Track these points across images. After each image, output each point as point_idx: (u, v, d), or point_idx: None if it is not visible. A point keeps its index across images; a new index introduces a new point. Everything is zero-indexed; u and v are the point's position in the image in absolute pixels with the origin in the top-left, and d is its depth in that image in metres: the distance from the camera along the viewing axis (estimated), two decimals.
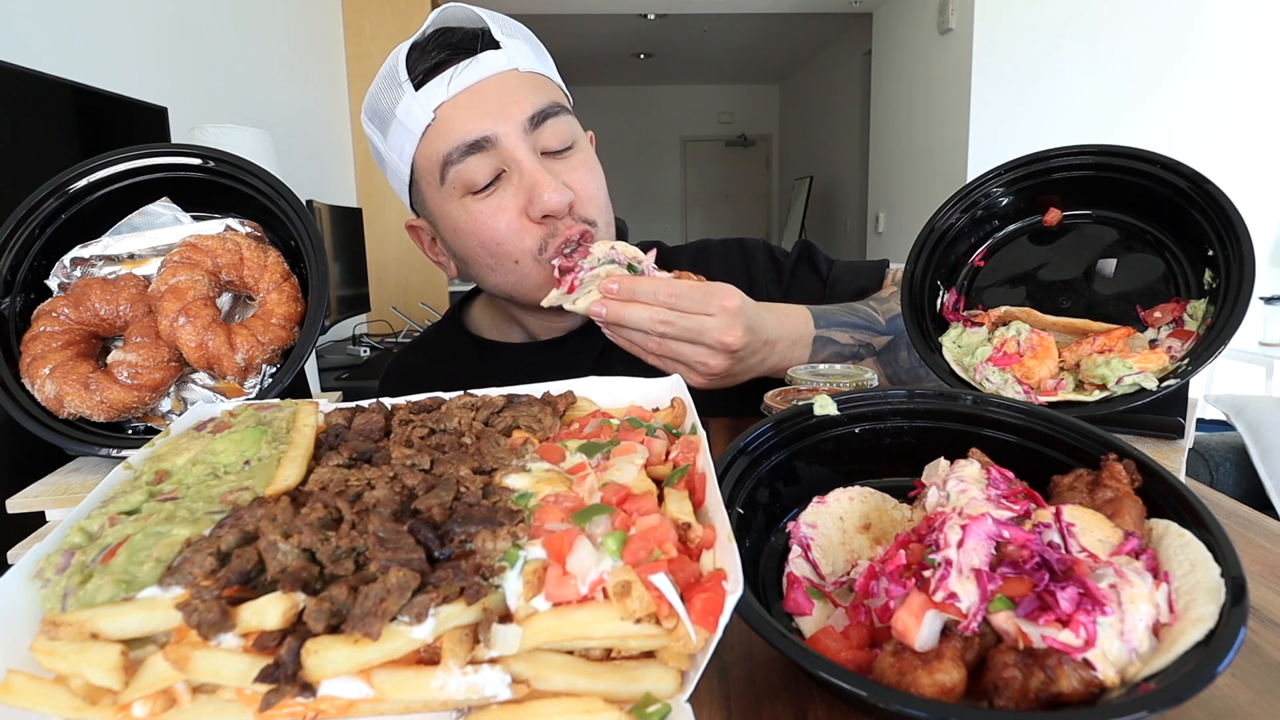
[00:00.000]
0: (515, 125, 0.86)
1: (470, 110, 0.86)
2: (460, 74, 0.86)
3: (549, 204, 0.85)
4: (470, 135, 0.86)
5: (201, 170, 0.75)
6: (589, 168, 0.93)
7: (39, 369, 0.65)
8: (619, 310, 0.78)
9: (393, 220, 4.08)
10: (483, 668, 0.36)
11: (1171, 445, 0.68)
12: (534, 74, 0.91)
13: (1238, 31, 3.91)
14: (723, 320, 0.78)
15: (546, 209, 0.86)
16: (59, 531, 0.44)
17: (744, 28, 6.68)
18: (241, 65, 2.80)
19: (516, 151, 0.86)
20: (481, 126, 0.86)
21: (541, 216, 0.87)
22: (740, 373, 0.85)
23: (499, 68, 0.87)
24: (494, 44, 0.88)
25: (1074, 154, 0.77)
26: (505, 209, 0.88)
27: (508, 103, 0.87)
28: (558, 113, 0.90)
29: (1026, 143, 1.19)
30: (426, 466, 0.49)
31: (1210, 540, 0.42)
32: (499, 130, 0.86)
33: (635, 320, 0.78)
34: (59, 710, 0.36)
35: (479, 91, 0.86)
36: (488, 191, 0.88)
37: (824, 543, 0.50)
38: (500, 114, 0.86)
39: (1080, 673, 0.35)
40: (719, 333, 0.78)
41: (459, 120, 0.86)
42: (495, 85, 0.87)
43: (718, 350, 0.79)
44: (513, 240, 0.89)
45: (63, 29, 1.86)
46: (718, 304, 0.78)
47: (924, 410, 0.59)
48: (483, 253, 0.91)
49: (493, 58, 0.87)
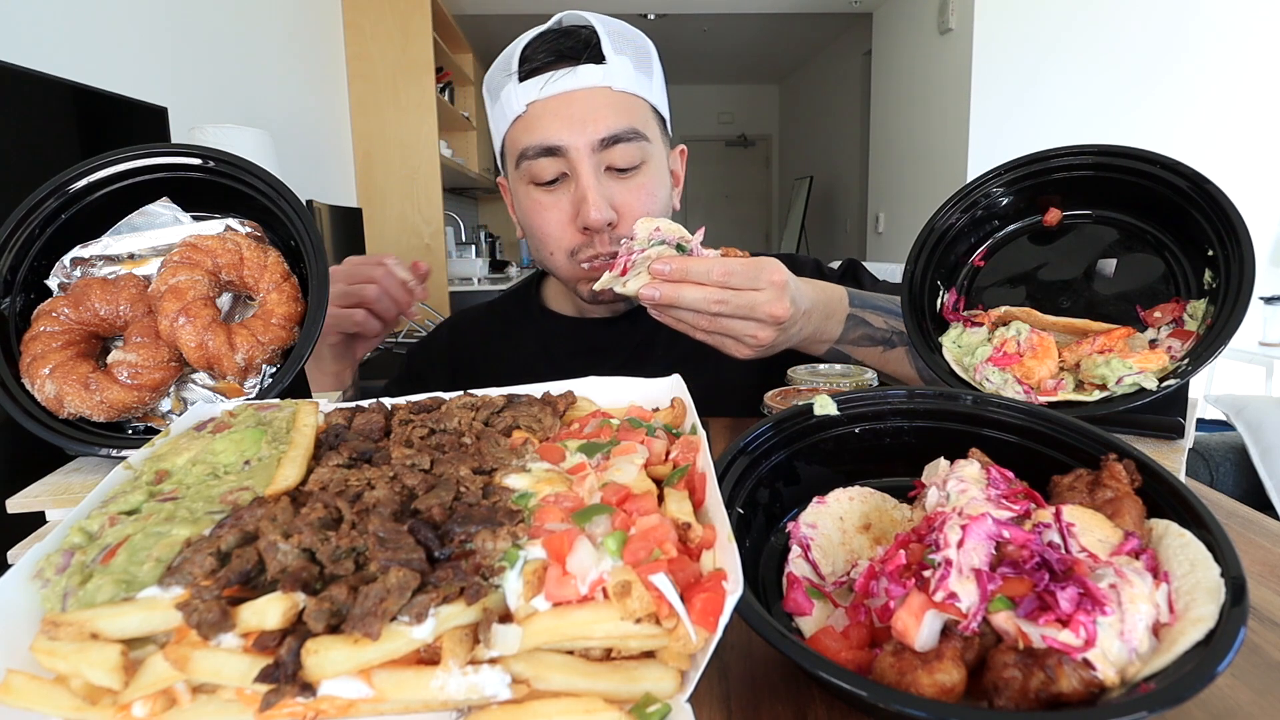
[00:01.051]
0: (587, 141, 0.95)
1: (554, 117, 0.95)
2: (556, 80, 0.95)
3: (589, 219, 0.94)
4: (547, 140, 0.95)
5: (201, 170, 0.75)
6: (645, 191, 1.00)
7: (39, 369, 0.65)
8: (673, 292, 0.78)
9: (393, 220, 4.08)
10: (483, 668, 0.36)
11: (1171, 445, 0.68)
12: (626, 94, 0.98)
13: (1238, 31, 3.91)
14: (771, 294, 0.80)
15: (586, 223, 0.95)
16: (59, 531, 0.44)
17: (744, 28, 6.68)
18: (241, 65, 2.80)
19: (580, 165, 0.95)
20: (558, 135, 0.95)
21: (582, 228, 0.97)
22: (781, 343, 0.86)
23: (593, 83, 0.96)
24: (599, 58, 0.96)
25: (1074, 154, 0.77)
26: (557, 208, 0.99)
27: (587, 120, 0.95)
28: (631, 138, 0.97)
29: (1026, 143, 1.19)
30: (426, 466, 0.49)
31: (1210, 540, 0.42)
32: (572, 142, 0.95)
33: (689, 301, 0.78)
34: (59, 710, 0.36)
35: (568, 101, 0.95)
36: (549, 188, 0.99)
37: (824, 543, 0.50)
38: (577, 128, 0.95)
39: (1080, 673, 0.35)
40: (769, 306, 0.79)
41: (542, 123, 0.96)
42: (584, 99, 0.96)
43: (767, 323, 0.81)
44: (554, 237, 1.00)
45: (63, 29, 1.86)
46: (767, 278, 0.79)
47: (924, 410, 0.59)
48: (532, 234, 1.04)
49: (590, 72, 0.96)
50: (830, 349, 0.96)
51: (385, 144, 4.04)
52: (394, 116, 4.01)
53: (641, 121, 0.99)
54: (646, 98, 1.02)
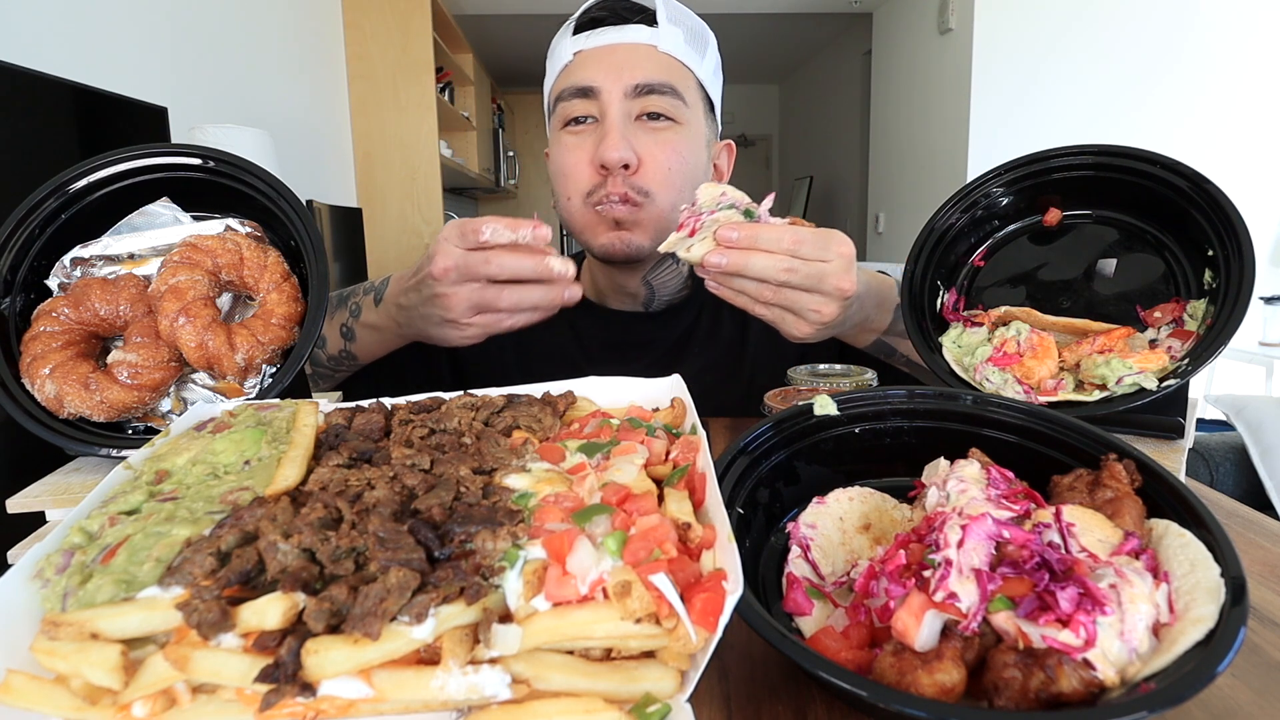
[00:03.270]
0: (620, 86, 0.97)
1: (595, 64, 0.98)
2: (604, 34, 0.99)
3: (605, 156, 0.95)
4: (583, 81, 0.98)
5: (201, 170, 0.75)
6: (670, 147, 0.99)
7: (39, 369, 0.65)
8: (741, 260, 0.74)
9: (393, 220, 4.08)
10: (483, 668, 0.36)
11: (1171, 445, 0.68)
12: (670, 57, 1.00)
13: (1238, 31, 3.91)
14: (840, 265, 0.76)
15: (603, 159, 0.95)
16: (59, 531, 0.44)
17: (744, 28, 6.68)
18: (241, 65, 2.80)
19: (610, 107, 0.97)
20: (594, 78, 0.97)
21: (599, 165, 0.96)
22: (839, 323, 0.83)
23: (640, 39, 0.99)
24: (651, 22, 0.99)
25: (1074, 154, 0.77)
26: (580, 148, 0.99)
27: (624, 67, 0.97)
28: (666, 92, 0.98)
29: (1026, 143, 1.19)
30: (426, 466, 0.49)
31: (1210, 540, 0.42)
32: (605, 85, 0.97)
33: (758, 269, 0.74)
34: (59, 710, 0.36)
35: (610, 51, 0.99)
36: (576, 128, 1.00)
37: (823, 543, 0.50)
38: (613, 73, 0.97)
39: (1080, 673, 0.35)
40: (837, 279, 0.76)
41: (584, 68, 0.99)
42: (626, 51, 0.98)
43: (833, 297, 0.77)
44: (572, 176, 1.00)
45: (63, 29, 1.86)
46: (836, 250, 0.76)
47: (924, 410, 0.59)
48: (557, 179, 1.03)
49: (638, 31, 0.99)
50: (877, 340, 0.94)
51: (385, 144, 4.04)
52: (394, 116, 4.00)
53: (681, 84, 1.00)
54: (694, 70, 1.02)
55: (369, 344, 0.97)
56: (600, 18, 1.00)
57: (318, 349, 0.99)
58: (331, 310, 0.98)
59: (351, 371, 1.04)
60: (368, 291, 0.96)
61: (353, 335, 0.96)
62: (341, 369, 1.02)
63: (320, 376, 1.04)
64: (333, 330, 0.98)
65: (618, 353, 1.13)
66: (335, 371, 1.02)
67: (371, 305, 0.94)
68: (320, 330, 0.70)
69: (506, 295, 0.78)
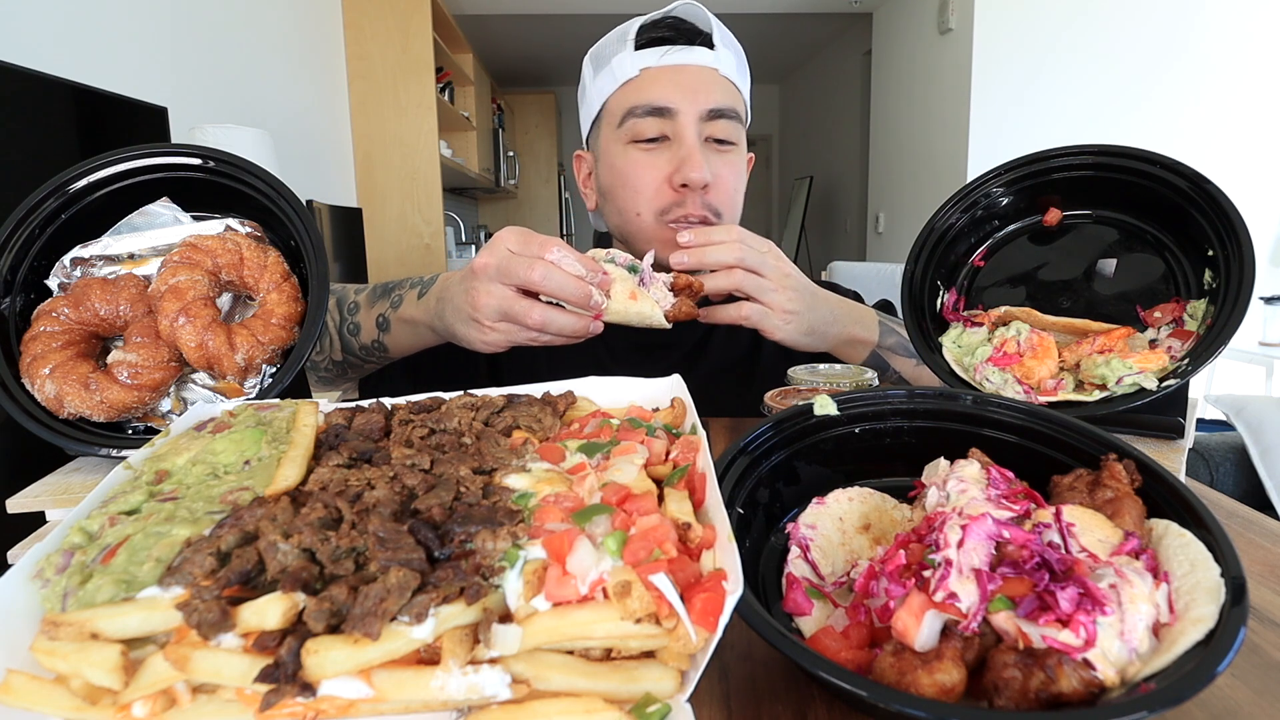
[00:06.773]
0: (696, 108, 1.01)
1: (668, 83, 1.02)
2: (674, 53, 1.03)
3: (689, 176, 0.99)
4: (659, 101, 1.01)
5: (201, 170, 0.75)
6: (735, 169, 1.07)
7: (39, 369, 0.65)
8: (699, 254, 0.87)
9: (393, 220, 4.08)
10: (483, 668, 0.36)
11: (1171, 445, 0.68)
12: (729, 81, 1.06)
13: (1238, 31, 3.91)
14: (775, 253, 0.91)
15: (687, 179, 0.99)
16: (59, 531, 0.44)
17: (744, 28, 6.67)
18: (241, 65, 2.80)
19: (686, 128, 1.01)
20: (670, 98, 1.01)
21: (680, 185, 1.00)
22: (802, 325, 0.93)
23: (706, 62, 1.04)
24: (710, 45, 1.04)
25: (1074, 154, 0.77)
26: (656, 168, 1.03)
27: (699, 90, 1.02)
28: (733, 117, 1.05)
29: (1026, 143, 1.19)
30: (426, 466, 0.49)
31: (1210, 540, 0.42)
32: (682, 106, 1.01)
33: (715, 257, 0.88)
34: (59, 710, 0.36)
35: (681, 71, 1.02)
36: (648, 146, 1.03)
37: (823, 543, 0.50)
38: (689, 95, 1.01)
39: (1080, 673, 0.35)
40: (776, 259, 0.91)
41: (656, 86, 1.02)
42: (696, 73, 1.03)
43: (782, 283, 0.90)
44: (646, 196, 1.03)
45: (63, 29, 1.86)
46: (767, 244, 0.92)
47: (924, 410, 0.59)
48: (623, 194, 1.06)
49: (703, 53, 1.04)
50: (873, 354, 1.01)
51: (385, 144, 4.04)
52: (394, 116, 4.01)
53: (738, 108, 1.06)
54: (742, 93, 1.10)
55: (402, 338, 0.97)
56: (668, 37, 1.04)
57: (351, 337, 1.01)
58: (373, 300, 1.00)
59: (380, 365, 1.05)
60: (413, 285, 0.97)
61: (388, 326, 0.98)
62: (371, 360, 1.03)
63: (350, 365, 1.04)
64: (369, 320, 0.99)
65: (642, 353, 1.15)
66: (365, 362, 1.03)
67: (414, 299, 0.95)
68: (320, 330, 0.70)
69: (536, 313, 0.78)
